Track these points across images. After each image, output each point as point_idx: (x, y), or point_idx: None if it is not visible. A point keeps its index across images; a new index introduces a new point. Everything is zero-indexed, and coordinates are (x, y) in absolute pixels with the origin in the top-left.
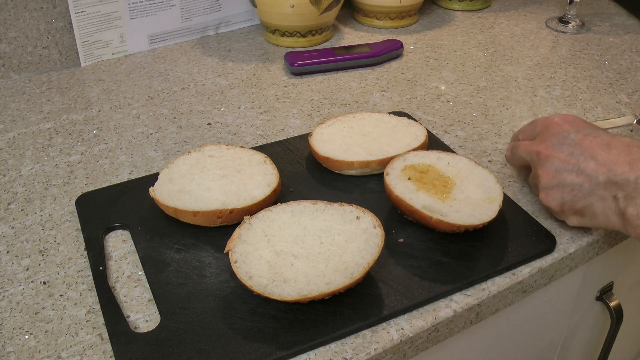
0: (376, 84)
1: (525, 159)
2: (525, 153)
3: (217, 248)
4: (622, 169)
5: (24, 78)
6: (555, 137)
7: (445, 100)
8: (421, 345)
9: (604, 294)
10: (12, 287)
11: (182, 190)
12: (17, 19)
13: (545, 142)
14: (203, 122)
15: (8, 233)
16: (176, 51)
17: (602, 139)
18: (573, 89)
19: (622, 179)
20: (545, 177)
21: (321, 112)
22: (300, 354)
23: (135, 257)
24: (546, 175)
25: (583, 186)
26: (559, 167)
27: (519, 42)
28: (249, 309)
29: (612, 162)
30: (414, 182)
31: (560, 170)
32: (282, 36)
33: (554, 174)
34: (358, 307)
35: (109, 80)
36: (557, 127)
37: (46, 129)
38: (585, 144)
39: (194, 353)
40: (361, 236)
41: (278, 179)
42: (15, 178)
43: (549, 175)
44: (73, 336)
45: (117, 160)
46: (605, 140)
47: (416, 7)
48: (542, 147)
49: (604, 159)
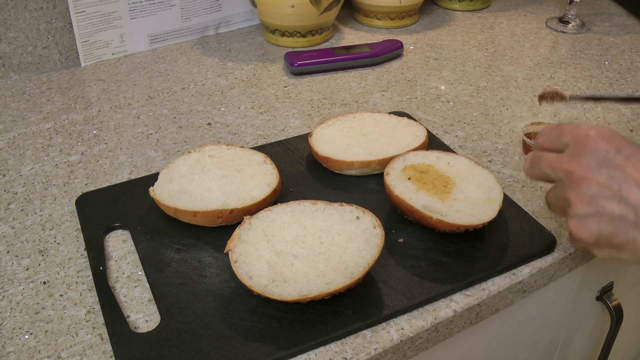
0: (376, 84)
1: (550, 175)
2: (550, 169)
3: (217, 248)
4: None
5: (24, 78)
6: (591, 156)
7: (445, 100)
8: (421, 345)
9: (604, 294)
10: (12, 287)
11: (182, 190)
12: (17, 19)
13: (579, 160)
14: (203, 122)
15: (8, 233)
16: (176, 51)
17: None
18: (573, 89)
19: None
20: (580, 203)
21: (321, 112)
22: (300, 354)
23: (135, 257)
24: (580, 201)
25: (626, 217)
26: (596, 193)
27: (519, 42)
28: (249, 309)
29: None
30: (414, 182)
31: (598, 196)
32: (282, 36)
33: (591, 200)
34: (358, 307)
35: (109, 80)
36: (593, 143)
37: (46, 129)
38: (628, 168)
39: (194, 353)
40: (361, 236)
41: (278, 179)
42: (15, 178)
43: (584, 201)
44: (73, 336)
45: (117, 160)
46: None
47: (416, 7)
48: (574, 166)
49: None
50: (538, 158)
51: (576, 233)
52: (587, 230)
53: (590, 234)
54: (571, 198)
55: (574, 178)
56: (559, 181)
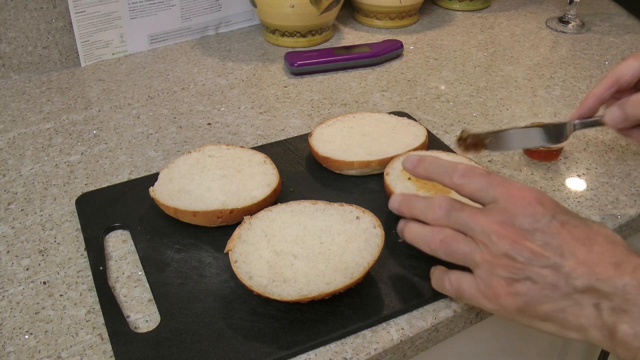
0: (376, 84)
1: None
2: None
3: (217, 248)
4: (606, 272)
5: (24, 78)
6: (525, 219)
7: (445, 100)
8: (421, 345)
9: None
10: (12, 287)
11: (182, 190)
12: (17, 19)
13: (512, 222)
14: (203, 122)
15: (8, 233)
16: (176, 51)
17: (582, 231)
18: (573, 89)
19: (607, 286)
20: (509, 267)
21: (321, 112)
22: (300, 354)
23: (135, 257)
24: (513, 264)
25: (557, 286)
26: (528, 258)
27: (519, 42)
28: (249, 309)
29: (594, 262)
30: (414, 182)
31: (531, 262)
32: (282, 36)
33: (522, 265)
34: (358, 307)
35: (109, 80)
36: (528, 206)
37: (46, 129)
38: (563, 236)
39: (194, 353)
40: (361, 236)
41: (278, 179)
42: (15, 178)
43: (517, 265)
44: (73, 336)
45: (117, 160)
46: (585, 232)
47: (416, 7)
48: (507, 227)
49: (584, 257)
50: (457, 208)
51: (503, 297)
52: (518, 294)
53: (520, 300)
54: (497, 261)
55: (505, 240)
56: (477, 239)
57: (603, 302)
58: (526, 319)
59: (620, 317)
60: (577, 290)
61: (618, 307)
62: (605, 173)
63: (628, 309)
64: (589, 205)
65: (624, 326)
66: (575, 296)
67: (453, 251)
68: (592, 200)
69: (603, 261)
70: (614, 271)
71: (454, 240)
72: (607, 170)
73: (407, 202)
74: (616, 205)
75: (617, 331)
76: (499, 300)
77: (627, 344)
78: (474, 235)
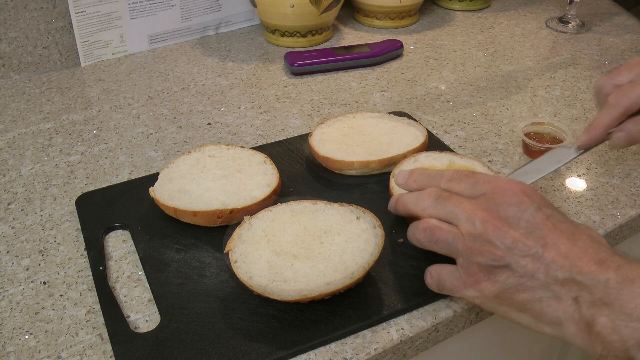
0: (376, 84)
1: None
2: (461, 211)
3: (217, 248)
4: (589, 267)
5: (24, 78)
6: (510, 208)
7: (445, 100)
8: (421, 345)
9: None
10: (12, 287)
11: (182, 190)
12: (17, 19)
13: (497, 209)
14: (203, 122)
15: (8, 233)
16: (176, 51)
17: (567, 226)
18: (573, 89)
19: (589, 279)
20: (491, 253)
21: (321, 112)
22: (300, 354)
23: (135, 257)
24: (494, 250)
25: (536, 276)
26: (511, 245)
27: (519, 42)
28: (249, 309)
29: (577, 256)
30: None
31: (513, 249)
32: (282, 36)
33: (504, 252)
34: (358, 307)
35: (109, 80)
36: (515, 196)
37: (46, 129)
38: (547, 227)
39: (194, 353)
40: (361, 236)
41: (278, 179)
42: (15, 178)
43: (498, 251)
44: (73, 336)
45: (117, 160)
46: (570, 228)
47: (416, 7)
48: (491, 214)
49: (567, 250)
50: (445, 196)
51: (476, 283)
52: (496, 281)
53: (498, 286)
54: (478, 247)
55: (489, 227)
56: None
57: (583, 295)
58: (503, 307)
59: (600, 310)
60: (556, 281)
61: (599, 299)
62: (605, 173)
63: (609, 302)
64: (589, 205)
65: (602, 319)
66: (554, 287)
67: (436, 239)
68: (592, 200)
69: (586, 256)
70: (597, 267)
71: (437, 228)
72: (607, 170)
73: (402, 199)
74: (616, 205)
75: (595, 324)
76: (479, 286)
77: (604, 337)
78: (459, 223)
